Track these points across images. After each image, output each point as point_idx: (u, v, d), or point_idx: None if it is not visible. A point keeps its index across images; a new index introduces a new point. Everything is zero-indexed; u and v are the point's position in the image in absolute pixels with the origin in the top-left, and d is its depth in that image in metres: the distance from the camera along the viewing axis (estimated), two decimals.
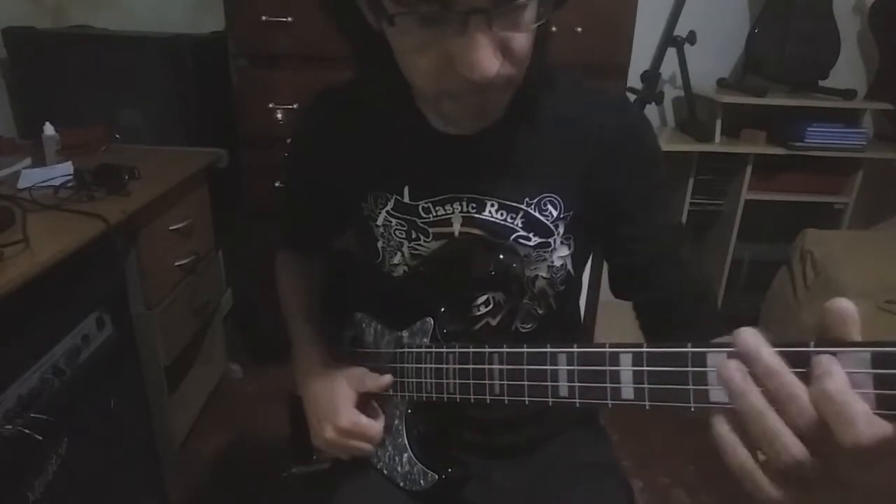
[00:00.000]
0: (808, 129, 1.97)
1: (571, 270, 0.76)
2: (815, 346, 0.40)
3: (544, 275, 0.74)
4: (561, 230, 0.71)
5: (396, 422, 0.76)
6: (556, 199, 0.70)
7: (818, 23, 1.98)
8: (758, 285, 2.09)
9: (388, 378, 0.74)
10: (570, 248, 0.73)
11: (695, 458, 1.76)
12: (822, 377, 0.36)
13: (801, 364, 0.39)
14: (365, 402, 0.76)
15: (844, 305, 0.38)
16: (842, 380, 0.36)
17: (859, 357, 0.39)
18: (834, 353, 0.38)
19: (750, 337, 0.39)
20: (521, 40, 0.55)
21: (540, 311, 0.77)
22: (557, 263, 0.73)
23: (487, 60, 0.53)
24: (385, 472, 0.77)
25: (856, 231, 2.20)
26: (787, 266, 1.90)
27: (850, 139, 1.99)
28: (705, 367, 0.45)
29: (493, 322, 0.76)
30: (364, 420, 0.73)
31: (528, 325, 0.78)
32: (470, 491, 0.79)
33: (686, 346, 0.46)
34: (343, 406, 0.73)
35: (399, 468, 0.75)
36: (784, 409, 0.37)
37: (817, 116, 1.99)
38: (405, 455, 0.75)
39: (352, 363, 0.78)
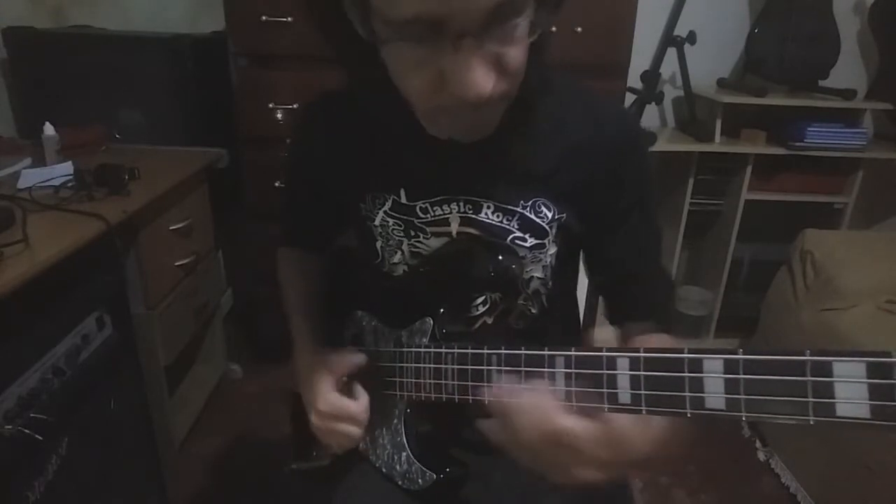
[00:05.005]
0: (808, 129, 1.96)
1: (554, 264, 0.76)
2: (810, 355, 0.41)
3: (539, 275, 0.74)
4: (554, 230, 0.72)
5: (395, 420, 0.76)
6: (549, 203, 0.70)
7: (818, 23, 1.98)
8: (758, 285, 2.08)
9: (360, 356, 0.75)
10: (556, 246, 0.74)
11: (695, 459, 1.77)
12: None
13: None
14: (348, 387, 0.76)
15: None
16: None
17: (854, 367, 0.39)
18: (830, 363, 0.41)
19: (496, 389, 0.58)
20: (516, 54, 0.55)
21: (533, 311, 0.78)
22: (548, 262, 0.74)
23: (482, 80, 0.52)
24: (384, 470, 0.78)
25: (856, 231, 2.19)
26: (787, 266, 1.90)
27: (850, 139, 1.99)
28: (702, 372, 0.45)
29: (490, 320, 0.76)
30: (343, 401, 0.73)
31: (522, 324, 0.78)
32: (468, 490, 0.79)
33: (683, 352, 0.46)
34: (322, 390, 0.73)
35: (398, 467, 0.76)
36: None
37: (817, 116, 1.98)
38: (404, 454, 0.75)
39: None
